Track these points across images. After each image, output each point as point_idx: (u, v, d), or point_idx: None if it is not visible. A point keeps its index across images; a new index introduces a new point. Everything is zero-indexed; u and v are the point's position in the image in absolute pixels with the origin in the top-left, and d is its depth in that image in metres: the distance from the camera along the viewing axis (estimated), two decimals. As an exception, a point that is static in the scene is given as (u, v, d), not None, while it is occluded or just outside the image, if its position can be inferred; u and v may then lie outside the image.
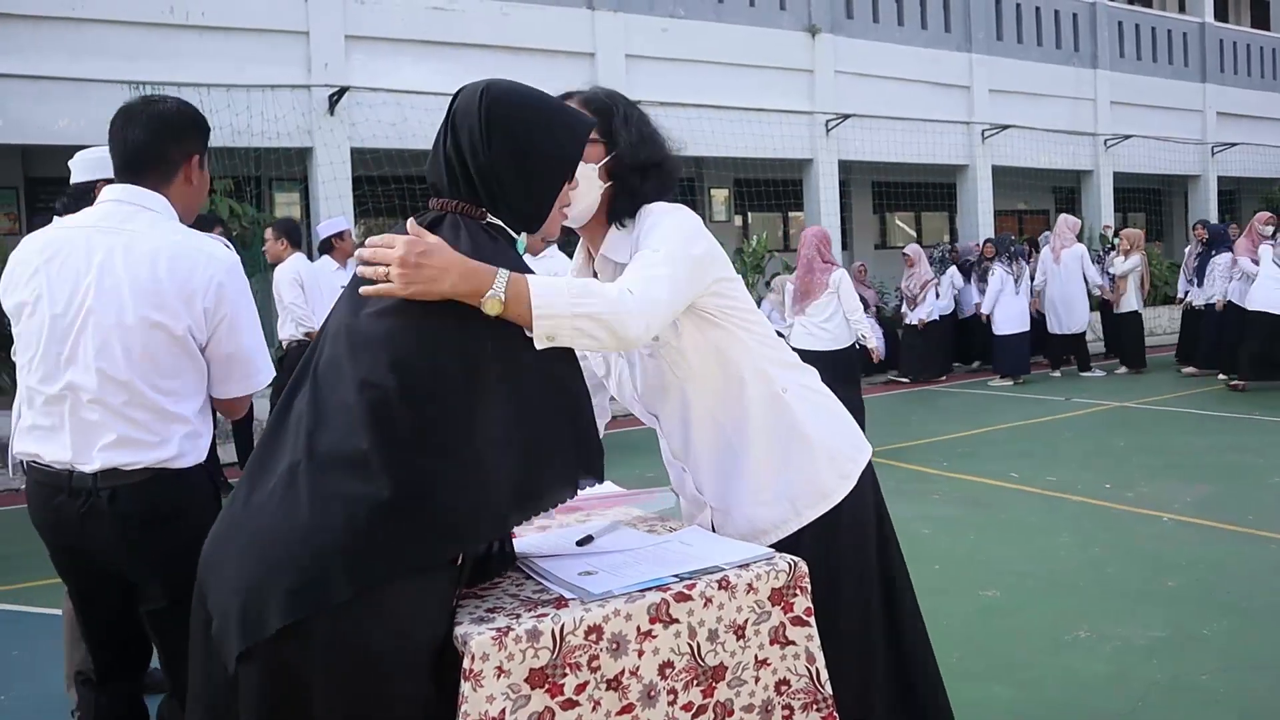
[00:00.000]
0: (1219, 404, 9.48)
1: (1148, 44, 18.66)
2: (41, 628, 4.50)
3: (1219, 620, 3.93)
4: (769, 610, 1.75)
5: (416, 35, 11.24)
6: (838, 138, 14.38)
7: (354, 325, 1.58)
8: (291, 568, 1.44)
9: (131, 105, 2.29)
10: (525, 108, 1.68)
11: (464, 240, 1.61)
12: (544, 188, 1.72)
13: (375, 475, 1.46)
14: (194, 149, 2.31)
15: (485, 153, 1.64)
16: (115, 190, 2.24)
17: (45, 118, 9.27)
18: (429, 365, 1.52)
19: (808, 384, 2.09)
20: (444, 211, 1.67)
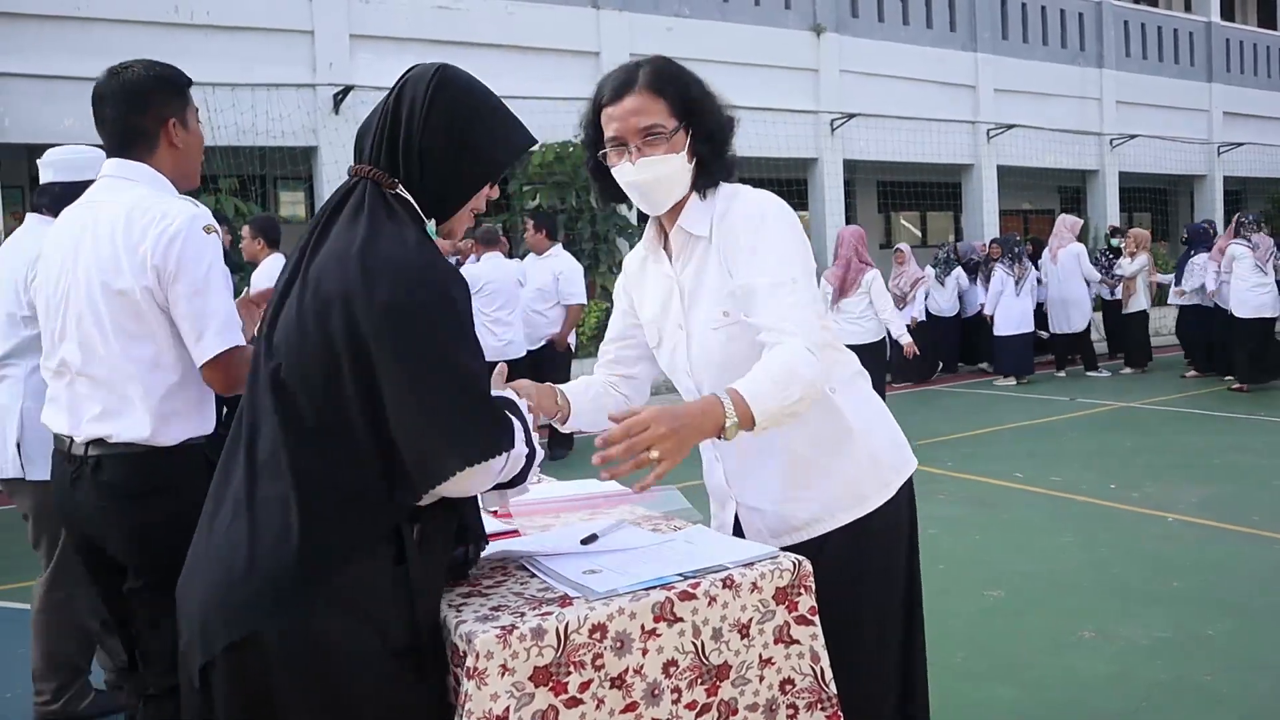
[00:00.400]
0: (1225, 405, 9.46)
1: (1154, 43, 18.63)
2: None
3: (1223, 621, 3.92)
4: (773, 609, 1.75)
5: (421, 34, 11.26)
6: (842, 137, 14.38)
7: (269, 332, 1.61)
8: (238, 584, 1.47)
9: (100, 83, 2.30)
10: (473, 98, 1.66)
11: (362, 223, 1.55)
12: (467, 180, 1.68)
13: (283, 474, 1.49)
14: (168, 113, 2.29)
15: (421, 128, 1.61)
16: (106, 166, 2.31)
17: (51, 117, 9.29)
18: (318, 362, 1.51)
19: (860, 387, 2.08)
20: (357, 178, 1.63)
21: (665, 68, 1.91)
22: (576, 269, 7.88)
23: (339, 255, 1.53)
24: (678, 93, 1.89)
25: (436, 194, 1.65)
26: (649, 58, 1.95)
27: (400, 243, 1.54)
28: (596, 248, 11.20)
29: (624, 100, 1.88)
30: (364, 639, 1.48)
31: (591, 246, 11.12)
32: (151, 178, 2.27)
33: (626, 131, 1.89)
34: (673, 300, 2.01)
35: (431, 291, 1.50)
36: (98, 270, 2.18)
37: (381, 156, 1.62)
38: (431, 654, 1.57)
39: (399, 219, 1.58)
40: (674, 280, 2.00)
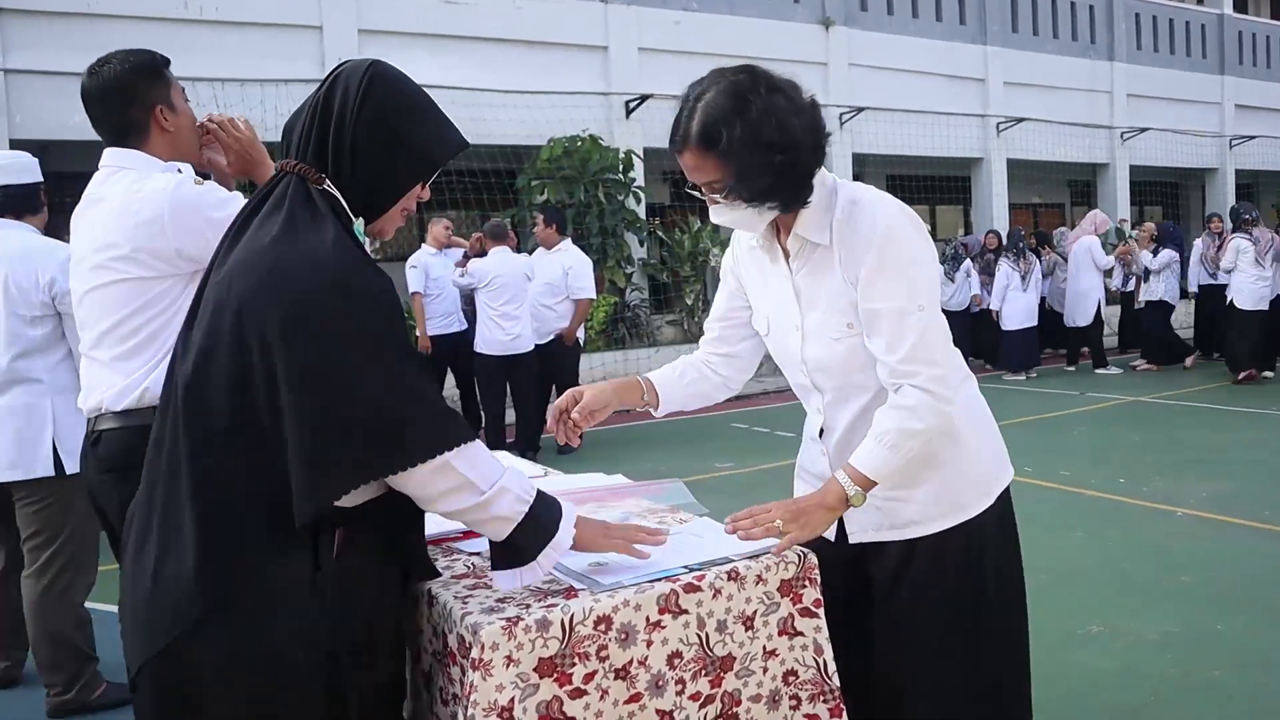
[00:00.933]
0: (1235, 399, 9.42)
1: (1165, 36, 18.55)
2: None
3: (1232, 616, 3.91)
4: (778, 601, 1.76)
5: (429, 29, 11.27)
6: (851, 131, 14.35)
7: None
8: (146, 599, 1.48)
9: (84, 83, 2.36)
10: (407, 94, 1.64)
11: (279, 219, 1.53)
12: (399, 178, 1.64)
13: (184, 481, 1.47)
14: (154, 99, 2.35)
15: (354, 123, 1.57)
16: (104, 157, 2.38)
17: (61, 113, 9.31)
18: (228, 362, 1.48)
19: (969, 393, 2.04)
20: (283, 173, 1.60)
21: (714, 117, 1.78)
22: (585, 263, 7.89)
23: (252, 253, 1.50)
24: (727, 146, 1.78)
25: (367, 192, 1.60)
26: (703, 96, 1.82)
27: (315, 240, 1.50)
28: (605, 242, 11.20)
29: (681, 155, 1.85)
30: (280, 645, 1.46)
31: (600, 241, 11.12)
32: (147, 163, 2.33)
33: (693, 180, 1.87)
34: (788, 300, 1.98)
35: (344, 289, 1.45)
36: (89, 254, 2.30)
37: (309, 151, 1.58)
38: (362, 657, 1.55)
39: (320, 216, 1.54)
40: (789, 281, 1.96)
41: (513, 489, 1.56)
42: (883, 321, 1.83)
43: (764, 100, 1.79)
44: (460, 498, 1.52)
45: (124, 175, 2.31)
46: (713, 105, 1.80)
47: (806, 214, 1.90)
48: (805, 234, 1.91)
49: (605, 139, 11.54)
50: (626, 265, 11.50)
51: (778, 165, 1.79)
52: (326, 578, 1.50)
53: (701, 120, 1.80)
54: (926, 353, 1.82)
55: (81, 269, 2.34)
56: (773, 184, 1.80)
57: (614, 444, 8.37)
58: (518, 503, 1.56)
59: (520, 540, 1.57)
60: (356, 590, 1.54)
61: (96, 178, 2.37)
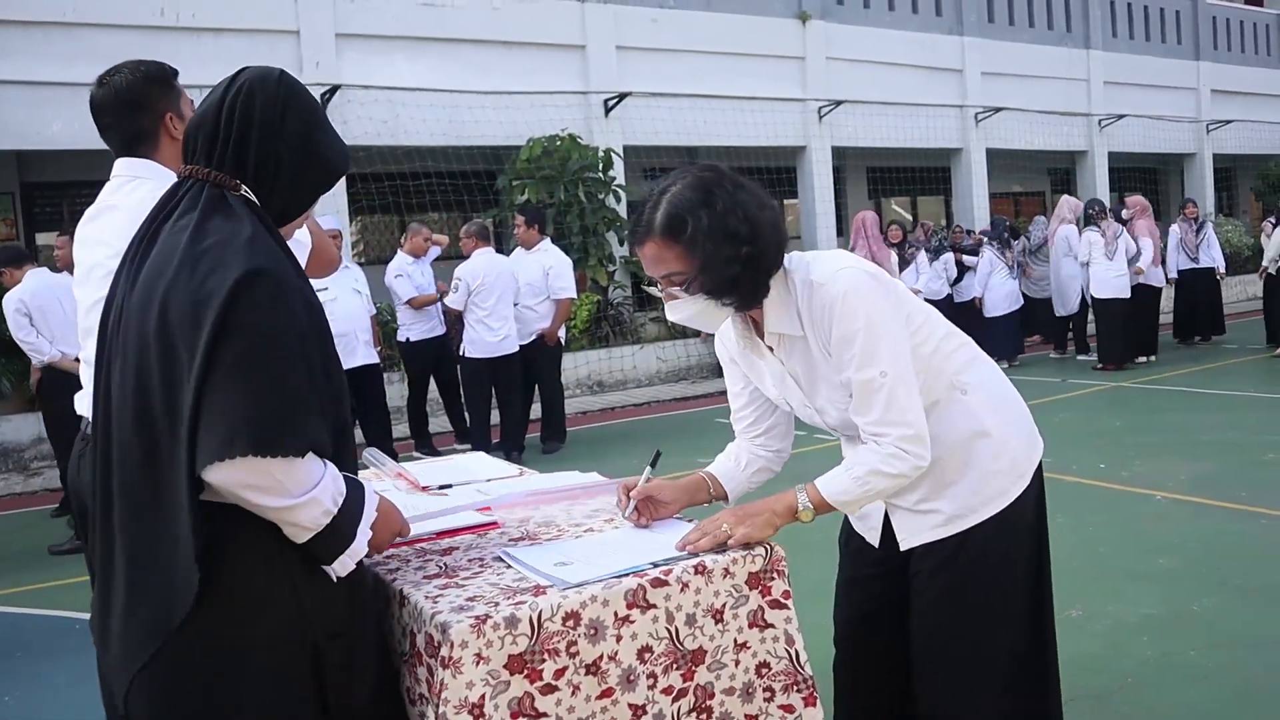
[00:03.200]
0: (1214, 382, 9.50)
1: (1140, 22, 18.64)
2: (43, 629, 4.55)
3: (1210, 597, 3.96)
4: (746, 594, 1.78)
5: (407, 32, 11.25)
6: (830, 124, 14.39)
7: None
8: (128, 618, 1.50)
9: (93, 94, 2.36)
10: (316, 108, 1.69)
11: (192, 219, 1.53)
12: (314, 188, 1.69)
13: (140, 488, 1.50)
14: (164, 108, 2.35)
15: (278, 133, 1.60)
16: (116, 166, 2.37)
17: (40, 123, 9.30)
18: (144, 363, 1.50)
19: (987, 378, 2.06)
20: (191, 180, 1.60)
21: (680, 207, 1.80)
22: (566, 263, 7.90)
23: (170, 251, 1.51)
24: (693, 236, 1.79)
25: (284, 200, 1.64)
26: (669, 189, 1.84)
27: (234, 236, 1.51)
28: (586, 241, 11.20)
29: (643, 246, 1.85)
30: (264, 643, 1.50)
31: (581, 240, 11.12)
32: (159, 173, 2.32)
33: (653, 273, 1.89)
34: (790, 385, 2.01)
35: (264, 280, 1.46)
36: (109, 258, 2.22)
37: (226, 159, 1.59)
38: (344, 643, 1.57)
39: (234, 215, 1.55)
40: (783, 368, 1.99)
41: (323, 500, 1.52)
42: (855, 391, 1.88)
43: (730, 195, 1.82)
44: (264, 496, 1.47)
45: (139, 184, 2.29)
46: (679, 197, 1.82)
47: (772, 310, 1.93)
48: (779, 329, 1.94)
49: (584, 138, 11.55)
50: (609, 264, 11.52)
51: (744, 257, 1.81)
52: (295, 571, 1.52)
53: (667, 211, 1.82)
54: (893, 414, 1.85)
55: (94, 276, 2.29)
56: (738, 276, 1.82)
57: (597, 441, 8.40)
58: (323, 515, 1.52)
59: (320, 546, 1.54)
60: (328, 581, 1.56)
61: (109, 186, 2.36)
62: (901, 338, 1.88)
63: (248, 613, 1.49)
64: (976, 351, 2.09)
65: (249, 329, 1.44)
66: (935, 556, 2.00)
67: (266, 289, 1.47)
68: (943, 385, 1.99)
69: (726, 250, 1.80)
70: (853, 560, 2.21)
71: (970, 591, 1.99)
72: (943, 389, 1.99)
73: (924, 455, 1.88)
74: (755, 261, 1.83)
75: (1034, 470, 2.08)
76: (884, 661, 2.15)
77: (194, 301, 1.45)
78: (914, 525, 2.02)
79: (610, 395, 11.03)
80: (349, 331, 6.81)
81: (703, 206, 1.80)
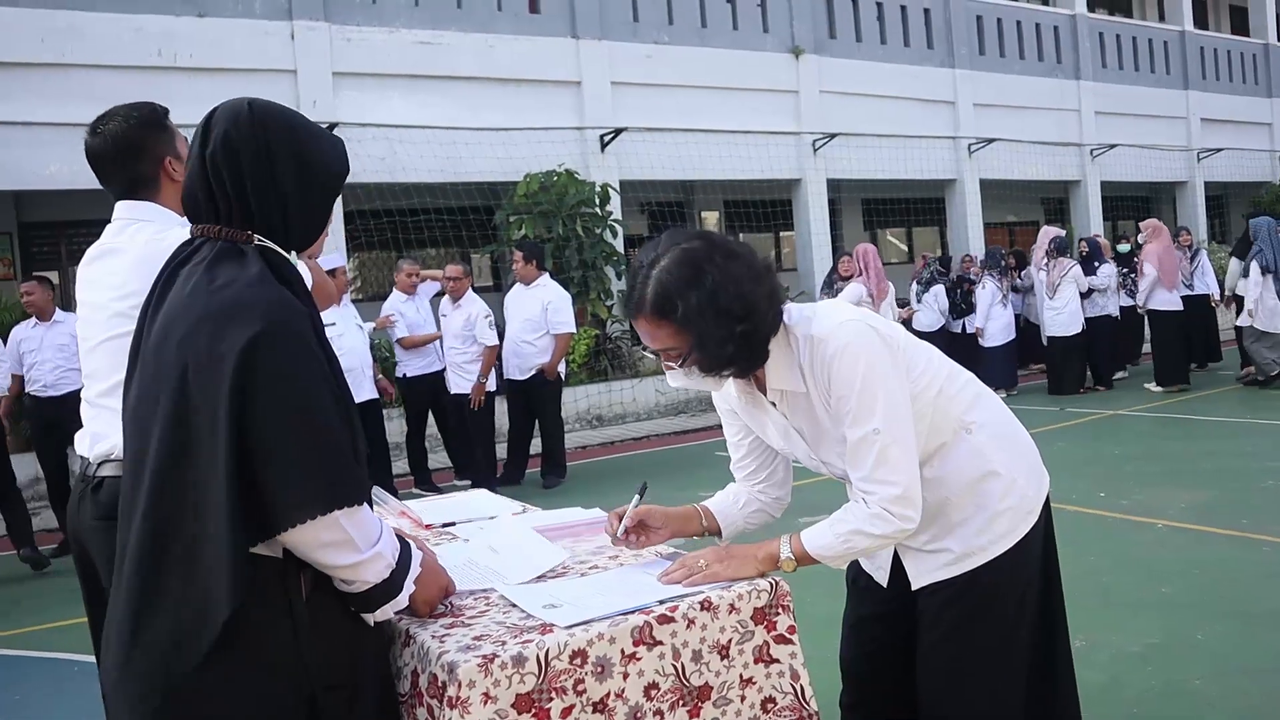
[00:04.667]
0: (1213, 409, 9.52)
1: (1129, 53, 18.84)
2: (39, 671, 4.52)
3: (1213, 625, 3.95)
4: (752, 630, 1.79)
5: (404, 70, 11.35)
6: (825, 157, 14.49)
7: None
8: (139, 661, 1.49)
9: (88, 143, 2.36)
10: (294, 121, 1.65)
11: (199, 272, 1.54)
12: (322, 202, 1.67)
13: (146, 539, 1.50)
14: (162, 152, 2.35)
15: (269, 169, 1.57)
16: (117, 210, 2.37)
17: (37, 163, 9.34)
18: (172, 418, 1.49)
19: (992, 416, 2.05)
20: (202, 239, 1.60)
21: (668, 287, 1.77)
22: (565, 298, 7.93)
23: (187, 304, 1.52)
24: (685, 315, 1.77)
25: (300, 223, 1.64)
26: (657, 262, 1.81)
27: (250, 285, 1.51)
28: (585, 275, 11.25)
29: (637, 320, 1.85)
30: (269, 688, 1.49)
31: (580, 274, 11.17)
32: (161, 215, 2.33)
33: (649, 345, 1.89)
34: (795, 440, 2.01)
35: (283, 332, 1.48)
36: (113, 300, 2.26)
37: (231, 215, 1.58)
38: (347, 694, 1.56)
39: (248, 264, 1.55)
40: (786, 423, 1.99)
41: (386, 555, 1.58)
42: (849, 448, 1.87)
43: (720, 269, 1.78)
44: (339, 553, 1.51)
45: (143, 227, 2.30)
46: (667, 275, 1.78)
47: (774, 367, 1.92)
48: (781, 385, 1.93)
49: (581, 173, 11.62)
50: (607, 298, 11.56)
51: (739, 335, 1.79)
52: (300, 618, 1.52)
53: (655, 290, 1.78)
54: (882, 473, 1.84)
55: (97, 317, 2.30)
56: (734, 353, 1.81)
57: (599, 476, 8.38)
58: (385, 569, 1.58)
59: (371, 597, 1.58)
60: (332, 629, 1.56)
61: (110, 229, 2.36)
62: (900, 396, 1.85)
63: (247, 655, 1.48)
64: (981, 388, 2.09)
65: (279, 383, 1.45)
66: (943, 595, 2.00)
67: (287, 341, 1.48)
68: (949, 427, 1.99)
69: (720, 330, 1.77)
70: (860, 599, 2.21)
71: (979, 629, 1.99)
72: (949, 431, 1.99)
73: (911, 518, 1.86)
74: (750, 337, 1.81)
75: (1041, 505, 2.07)
76: (892, 701, 2.14)
77: (214, 356, 1.45)
78: (923, 565, 2.02)
79: (609, 429, 11.03)
80: (355, 367, 6.84)
81: (691, 286, 1.76)
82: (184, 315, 1.51)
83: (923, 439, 1.95)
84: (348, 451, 1.52)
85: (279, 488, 1.44)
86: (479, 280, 13.83)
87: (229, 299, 1.49)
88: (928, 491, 1.97)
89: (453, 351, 7.71)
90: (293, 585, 1.52)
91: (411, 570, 1.65)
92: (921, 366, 1.97)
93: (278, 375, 1.45)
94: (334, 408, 1.52)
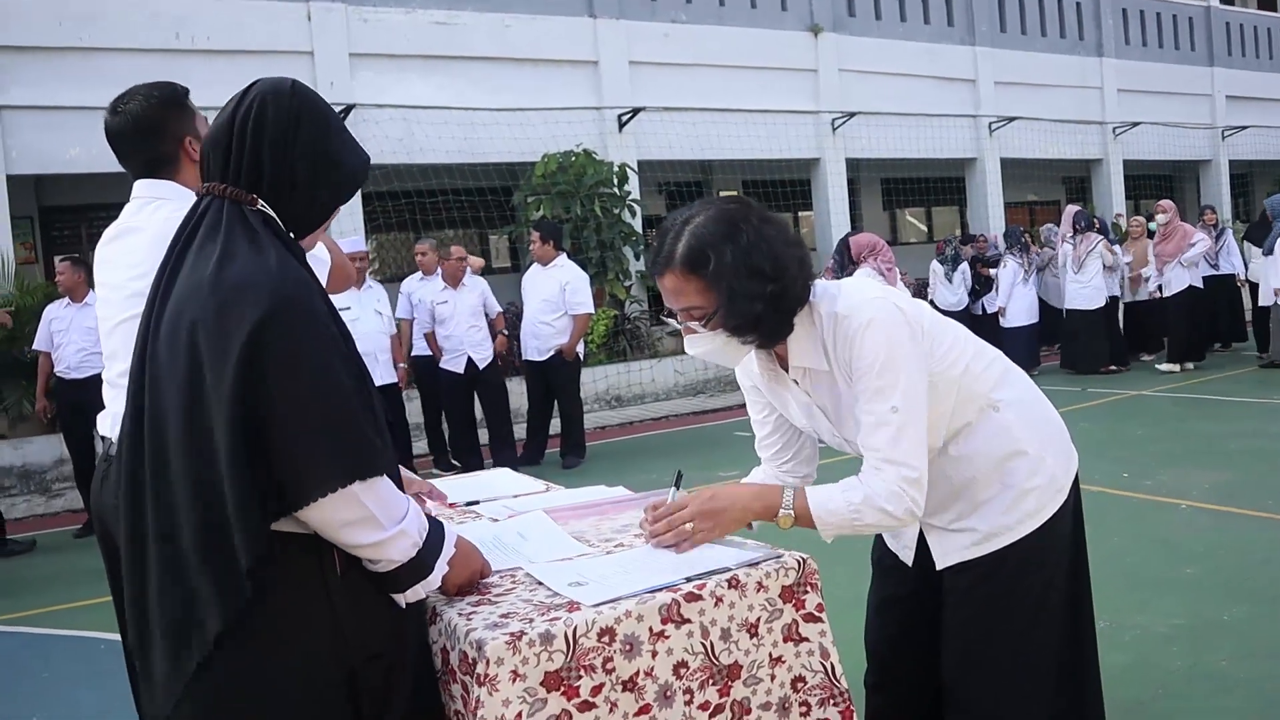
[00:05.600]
0: (1237, 390, 9.43)
1: (1153, 29, 18.60)
2: (68, 650, 4.57)
3: (1238, 606, 3.92)
4: (781, 608, 1.77)
5: (420, 51, 11.32)
6: (844, 136, 14.39)
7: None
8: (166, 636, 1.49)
9: (108, 123, 2.35)
10: (330, 117, 1.66)
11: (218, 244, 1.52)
12: (331, 197, 1.67)
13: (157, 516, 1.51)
14: (181, 132, 2.35)
15: (292, 146, 1.58)
16: (136, 188, 2.37)
17: (56, 147, 9.38)
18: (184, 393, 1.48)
19: (1021, 394, 2.02)
20: (209, 197, 1.60)
21: (703, 240, 1.76)
22: (583, 278, 7.91)
23: (197, 282, 1.50)
24: (716, 270, 1.75)
25: (302, 211, 1.63)
26: (691, 220, 1.80)
27: (262, 263, 1.50)
28: (603, 255, 11.22)
29: (663, 278, 1.82)
30: (302, 667, 1.49)
31: (599, 255, 11.15)
32: (180, 193, 2.32)
33: (672, 306, 1.86)
34: (819, 418, 1.99)
35: (293, 309, 1.47)
36: (131, 280, 2.25)
37: (241, 174, 1.57)
38: (385, 665, 1.57)
39: (258, 238, 1.54)
40: (810, 400, 1.97)
41: (411, 533, 1.57)
42: (864, 426, 1.84)
43: (755, 229, 1.78)
44: (362, 531, 1.51)
45: (161, 205, 2.30)
46: (702, 229, 1.77)
47: (796, 344, 1.89)
48: (803, 363, 1.91)
49: (599, 153, 11.58)
50: (625, 278, 11.53)
51: (769, 295, 1.77)
52: (337, 594, 1.52)
53: (689, 243, 1.77)
54: (898, 453, 1.80)
55: (115, 297, 2.30)
56: (761, 314, 1.78)
57: (618, 456, 8.39)
58: (411, 547, 1.57)
59: (399, 576, 1.57)
60: (370, 604, 1.56)
61: (129, 209, 2.36)
62: (919, 377, 1.83)
63: (285, 632, 1.49)
64: (1009, 366, 2.06)
65: (290, 359, 1.45)
66: (969, 575, 1.98)
67: (298, 318, 1.47)
68: (975, 405, 1.96)
69: (750, 287, 1.75)
70: (885, 579, 2.20)
71: (1005, 609, 1.97)
72: (975, 409, 1.96)
73: (920, 504, 1.83)
74: (779, 300, 1.79)
75: (1070, 485, 2.05)
76: (917, 682, 2.13)
77: (224, 334, 1.44)
78: (949, 544, 2.00)
79: (628, 410, 11.03)
80: (370, 351, 6.84)
81: (727, 240, 1.75)
82: (194, 294, 1.50)
83: (947, 417, 1.93)
84: (364, 424, 1.50)
85: (295, 463, 1.44)
86: (497, 261, 13.85)
87: (238, 276, 1.48)
88: (953, 470, 1.96)
89: (473, 330, 7.72)
90: (327, 562, 1.52)
91: (445, 551, 1.65)
92: (948, 344, 1.94)
93: (288, 351, 1.45)
94: (348, 380, 1.50)
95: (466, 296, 7.73)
